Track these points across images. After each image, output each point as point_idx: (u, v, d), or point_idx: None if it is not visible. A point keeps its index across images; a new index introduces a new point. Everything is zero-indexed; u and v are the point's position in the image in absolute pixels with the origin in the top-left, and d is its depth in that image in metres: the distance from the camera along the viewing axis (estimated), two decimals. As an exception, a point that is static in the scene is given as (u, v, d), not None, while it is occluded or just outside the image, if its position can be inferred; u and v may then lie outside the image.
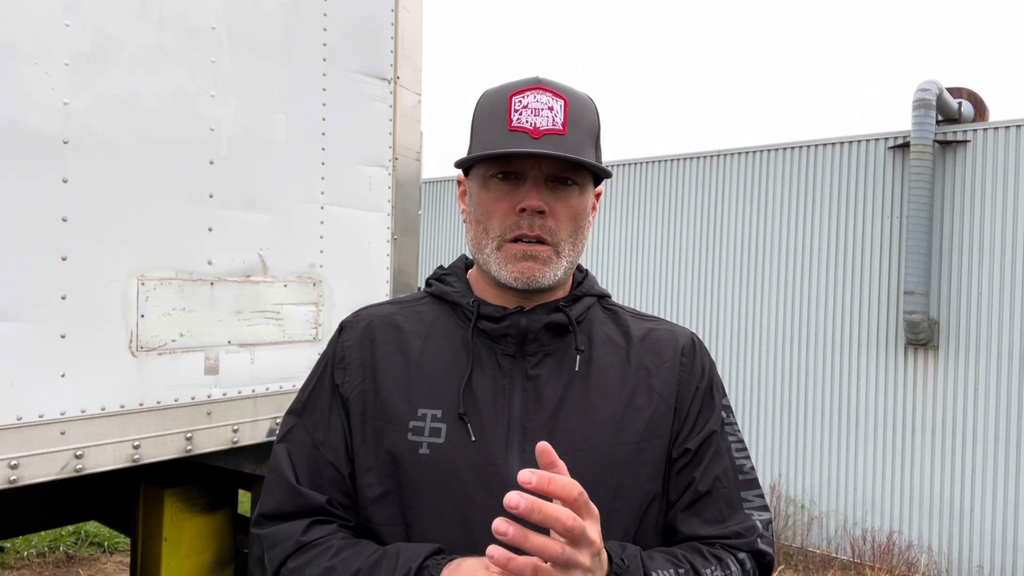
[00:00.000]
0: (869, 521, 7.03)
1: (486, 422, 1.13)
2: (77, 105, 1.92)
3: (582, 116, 1.15)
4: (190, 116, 2.18)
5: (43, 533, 5.49)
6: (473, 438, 1.11)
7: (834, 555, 7.12)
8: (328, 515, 1.16)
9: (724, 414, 1.24)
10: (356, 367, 1.20)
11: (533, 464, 1.08)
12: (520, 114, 1.12)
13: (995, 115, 7.27)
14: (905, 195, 6.91)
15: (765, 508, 1.21)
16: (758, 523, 1.17)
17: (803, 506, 7.38)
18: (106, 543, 5.77)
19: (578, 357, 1.17)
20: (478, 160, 1.16)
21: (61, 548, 5.60)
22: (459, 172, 1.26)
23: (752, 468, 1.23)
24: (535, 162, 1.12)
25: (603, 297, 1.29)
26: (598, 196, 1.25)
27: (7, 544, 5.27)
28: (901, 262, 6.90)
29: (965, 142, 6.67)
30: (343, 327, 1.27)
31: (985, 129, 6.63)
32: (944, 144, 6.74)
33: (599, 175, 1.20)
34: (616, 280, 8.92)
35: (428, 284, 1.30)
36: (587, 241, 1.22)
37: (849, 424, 7.21)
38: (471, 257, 1.25)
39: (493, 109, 1.16)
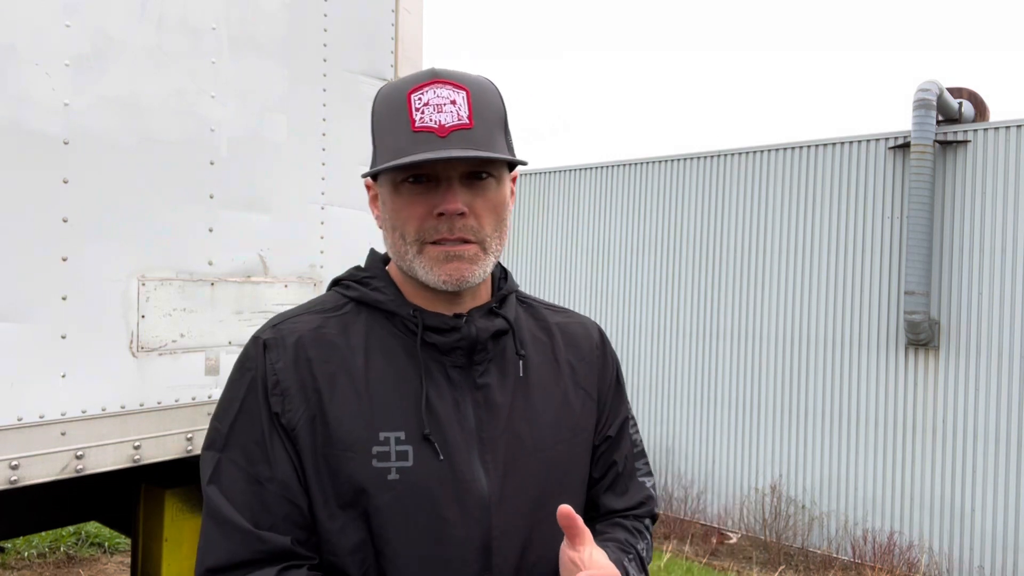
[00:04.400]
0: (870, 521, 7.03)
1: (449, 438, 1.10)
2: (78, 106, 1.92)
3: (487, 105, 1.10)
4: (190, 117, 2.18)
5: (44, 534, 5.49)
6: (441, 457, 1.09)
7: (835, 555, 7.12)
8: (294, 557, 1.06)
9: (626, 394, 1.34)
10: (296, 392, 1.09)
11: (495, 473, 1.13)
12: (422, 112, 1.06)
13: (995, 115, 7.27)
14: (905, 195, 6.91)
15: (650, 472, 1.35)
16: (651, 489, 1.32)
17: (804, 506, 7.38)
18: (107, 544, 5.77)
19: (521, 362, 1.18)
20: (390, 170, 1.09)
21: (62, 549, 5.60)
22: (367, 178, 1.21)
23: (641, 440, 1.35)
24: (447, 163, 1.07)
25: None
26: (514, 180, 1.21)
27: (8, 544, 5.27)
28: (901, 262, 6.90)
29: (965, 142, 6.67)
30: (266, 345, 1.12)
31: (985, 129, 6.63)
32: (944, 144, 6.74)
33: (514, 163, 1.15)
34: (616, 280, 8.91)
35: (344, 286, 1.21)
36: (509, 229, 1.18)
37: (850, 424, 7.21)
38: (381, 250, 1.22)
39: (392, 110, 1.10)
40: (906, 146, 6.88)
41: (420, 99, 1.07)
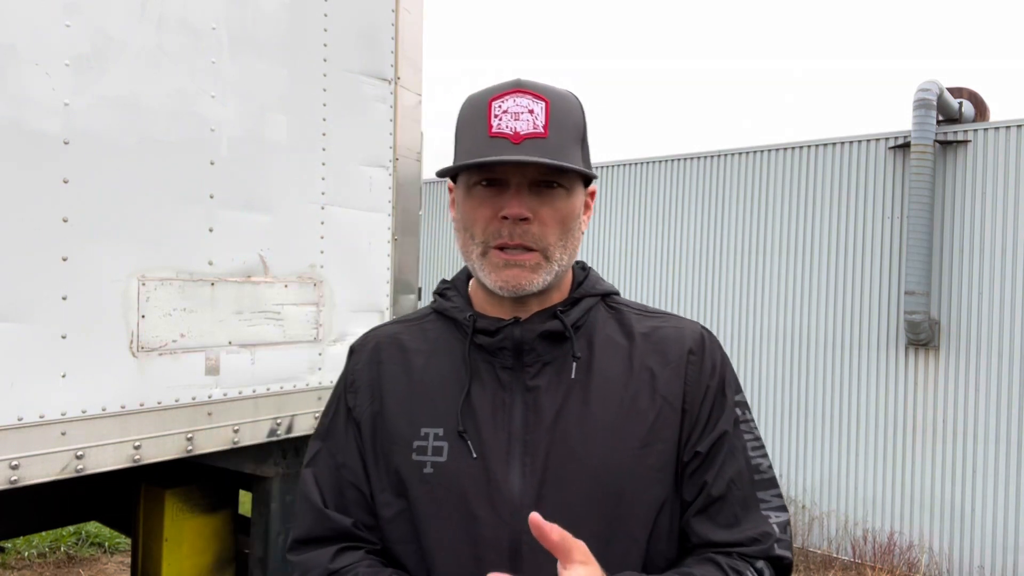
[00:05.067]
0: (870, 521, 7.02)
1: (486, 438, 1.12)
2: (78, 106, 1.92)
3: (565, 117, 1.13)
4: (191, 117, 2.18)
5: (44, 533, 5.48)
6: (474, 455, 1.11)
7: (835, 555, 7.12)
8: (354, 539, 1.18)
9: (739, 411, 1.20)
10: (365, 390, 1.22)
11: (533, 477, 1.10)
12: (500, 119, 1.10)
13: (996, 115, 7.26)
14: (905, 195, 6.91)
15: (783, 508, 1.16)
16: (775, 526, 1.13)
17: (804, 506, 7.38)
18: (107, 543, 5.77)
19: (574, 364, 1.15)
20: (459, 170, 1.15)
21: (62, 548, 5.60)
22: (448, 180, 1.24)
23: (769, 467, 1.19)
24: (517, 168, 1.10)
25: (608, 295, 1.26)
26: (592, 195, 1.23)
27: (8, 544, 5.26)
28: (902, 262, 6.90)
29: (966, 142, 6.67)
30: (352, 350, 1.28)
31: (986, 129, 6.62)
32: (945, 144, 6.74)
33: (585, 176, 1.17)
34: (616, 281, 8.91)
35: (433, 298, 1.30)
36: (580, 242, 1.19)
37: (850, 424, 7.21)
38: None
39: (474, 115, 1.14)
40: (906, 146, 6.87)
41: (500, 106, 1.11)
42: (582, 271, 1.27)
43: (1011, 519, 6.37)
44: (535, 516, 0.95)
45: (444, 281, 1.31)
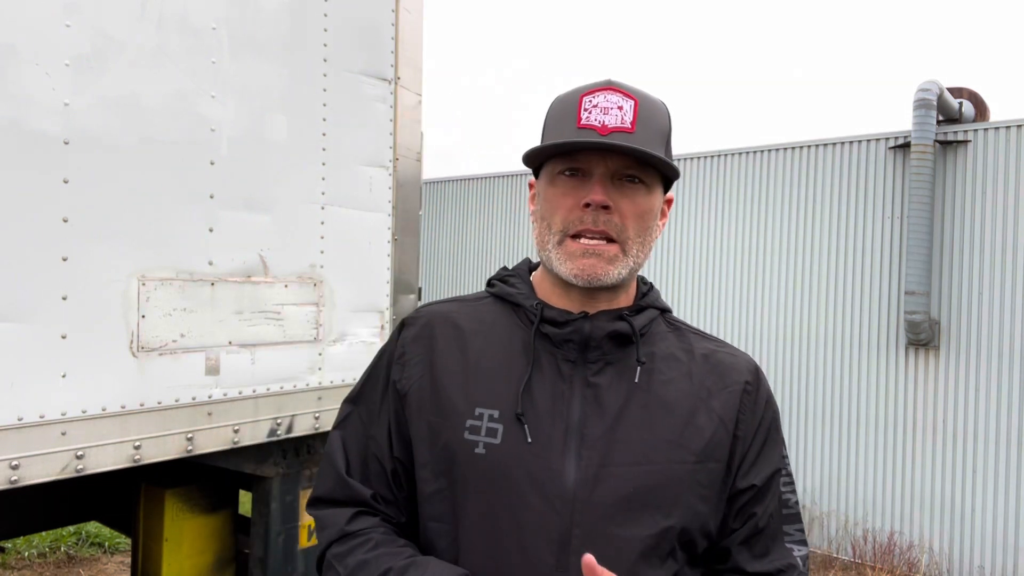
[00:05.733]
0: (870, 521, 7.02)
1: (544, 426, 1.12)
2: (78, 106, 1.92)
3: (652, 117, 1.14)
4: (191, 117, 2.18)
5: (44, 533, 5.48)
6: (530, 440, 1.11)
7: (835, 555, 7.12)
8: (372, 508, 1.20)
9: (782, 450, 1.24)
10: (415, 363, 1.21)
11: (588, 471, 1.10)
12: (589, 113, 1.11)
13: (996, 115, 7.26)
14: (906, 195, 6.91)
15: (804, 542, 1.21)
16: (798, 559, 1.18)
17: (804, 506, 7.38)
18: (107, 543, 5.77)
19: (639, 369, 1.16)
20: (545, 155, 1.16)
21: (62, 548, 5.60)
22: (531, 177, 1.25)
23: (796, 503, 1.24)
24: (601, 158, 1.11)
25: (666, 312, 1.28)
26: (669, 203, 1.23)
27: (8, 544, 5.26)
28: (902, 262, 6.90)
29: (966, 142, 6.67)
30: (404, 323, 1.28)
31: (986, 129, 6.62)
32: (945, 144, 6.74)
33: (669, 178, 1.18)
34: (617, 280, 8.90)
35: (490, 284, 1.29)
36: (654, 246, 1.21)
37: (850, 424, 7.21)
38: (536, 259, 1.26)
39: (564, 110, 1.15)
40: (906, 146, 6.87)
41: (591, 102, 1.12)
42: (645, 284, 1.29)
43: (1011, 519, 6.37)
44: (589, 558, 0.98)
45: (505, 268, 1.32)
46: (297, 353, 2.50)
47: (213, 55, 2.23)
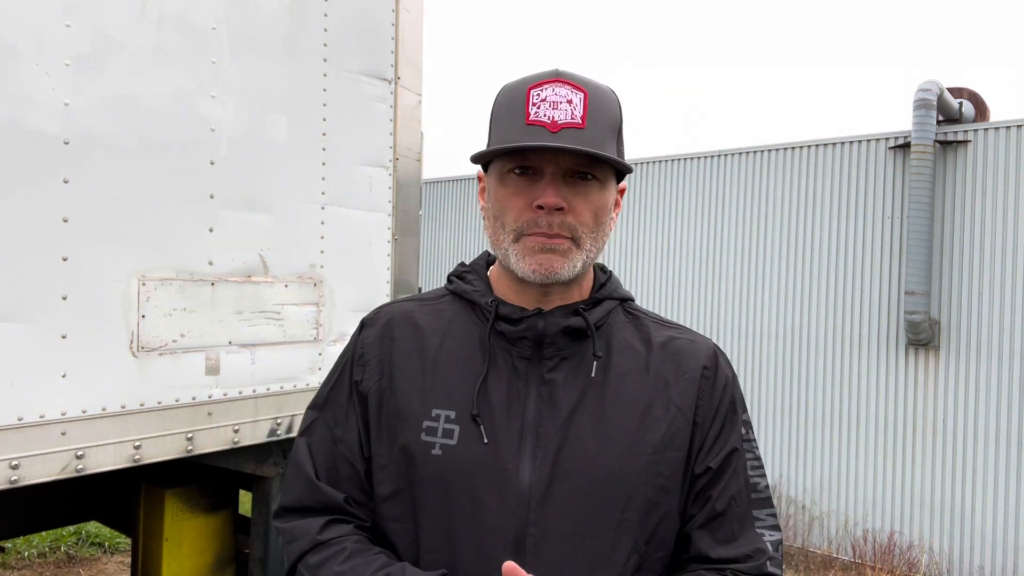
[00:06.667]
0: (870, 521, 7.02)
1: (499, 425, 1.11)
2: (78, 106, 1.92)
3: (602, 109, 1.12)
4: (191, 117, 2.18)
5: (44, 533, 5.48)
6: (485, 440, 1.10)
7: (835, 555, 7.12)
8: (345, 513, 1.17)
9: (744, 430, 1.22)
10: (374, 364, 1.20)
11: (543, 469, 1.10)
12: (538, 108, 1.09)
13: (996, 115, 7.26)
14: (906, 195, 6.91)
15: (776, 527, 1.19)
16: (768, 544, 1.16)
17: (804, 506, 7.38)
18: (107, 543, 5.77)
19: (595, 363, 1.15)
20: (494, 155, 1.13)
21: (62, 548, 5.60)
22: (479, 169, 1.23)
23: (767, 487, 1.22)
24: (553, 157, 1.09)
25: (626, 300, 1.26)
26: (622, 192, 1.22)
27: (8, 544, 5.26)
28: (902, 262, 6.90)
29: (966, 142, 6.67)
30: (363, 324, 1.26)
31: (986, 129, 6.62)
32: (945, 144, 6.74)
33: (620, 170, 1.17)
34: (617, 280, 8.90)
35: (449, 281, 1.28)
36: (608, 238, 1.19)
37: (850, 424, 7.21)
38: (492, 252, 1.23)
39: (511, 103, 1.13)
40: (906, 146, 6.87)
41: (538, 95, 1.10)
42: (603, 273, 1.27)
43: (1011, 519, 6.37)
44: (509, 566, 0.98)
45: (463, 264, 1.30)
46: (297, 353, 2.50)
47: (213, 55, 2.23)
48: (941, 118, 6.78)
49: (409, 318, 1.23)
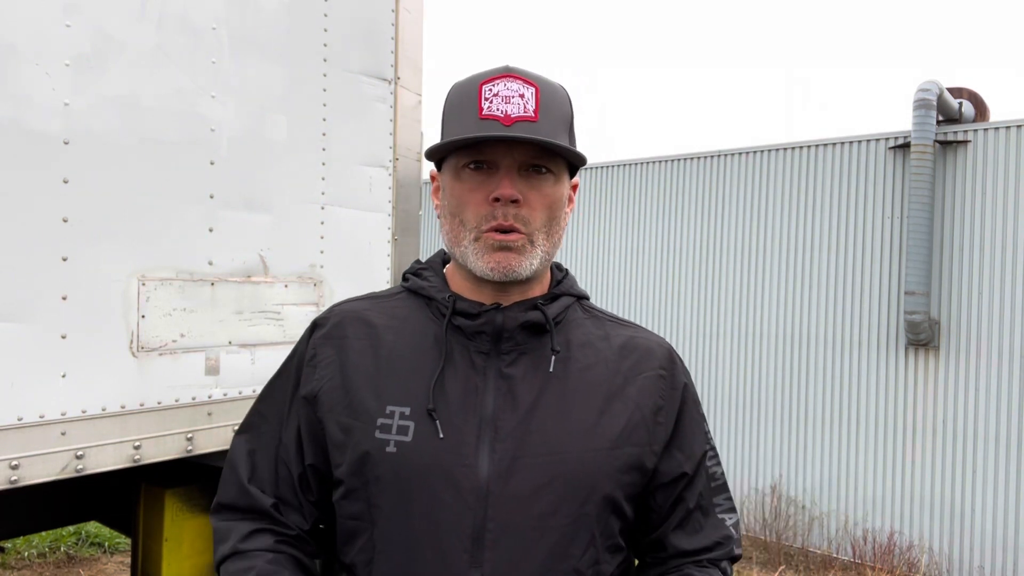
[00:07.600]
0: (870, 521, 7.02)
1: (455, 420, 1.11)
2: (78, 105, 1.92)
3: (554, 104, 1.13)
4: (191, 116, 2.18)
5: (44, 533, 5.49)
6: (442, 435, 1.09)
7: (835, 555, 7.12)
8: (271, 520, 1.18)
9: (705, 427, 1.26)
10: (326, 364, 1.18)
11: (502, 464, 1.09)
12: (490, 102, 1.09)
13: (996, 115, 7.26)
14: (905, 195, 6.91)
15: (733, 509, 1.25)
16: (731, 528, 1.22)
17: (804, 506, 7.38)
18: (107, 543, 5.77)
19: (553, 358, 1.15)
20: (449, 149, 1.13)
21: (62, 548, 5.60)
22: (432, 168, 1.24)
23: (722, 473, 1.26)
24: (507, 150, 1.10)
25: (582, 299, 1.27)
26: (575, 188, 1.23)
27: (8, 544, 5.26)
28: (902, 262, 6.90)
29: (966, 142, 6.67)
30: (315, 324, 1.25)
31: (986, 129, 6.62)
32: (945, 144, 6.74)
33: (574, 164, 1.18)
34: (615, 281, 8.91)
35: (405, 278, 1.28)
36: (563, 234, 1.20)
37: (850, 424, 7.21)
38: (448, 251, 1.23)
39: (463, 99, 1.13)
40: (906, 146, 6.87)
41: (491, 90, 1.10)
42: (560, 271, 1.28)
43: (1011, 519, 6.38)
44: None
45: (418, 262, 1.30)
46: (297, 353, 2.49)
47: (213, 55, 2.23)
48: (941, 118, 6.78)
49: (361, 316, 1.22)
